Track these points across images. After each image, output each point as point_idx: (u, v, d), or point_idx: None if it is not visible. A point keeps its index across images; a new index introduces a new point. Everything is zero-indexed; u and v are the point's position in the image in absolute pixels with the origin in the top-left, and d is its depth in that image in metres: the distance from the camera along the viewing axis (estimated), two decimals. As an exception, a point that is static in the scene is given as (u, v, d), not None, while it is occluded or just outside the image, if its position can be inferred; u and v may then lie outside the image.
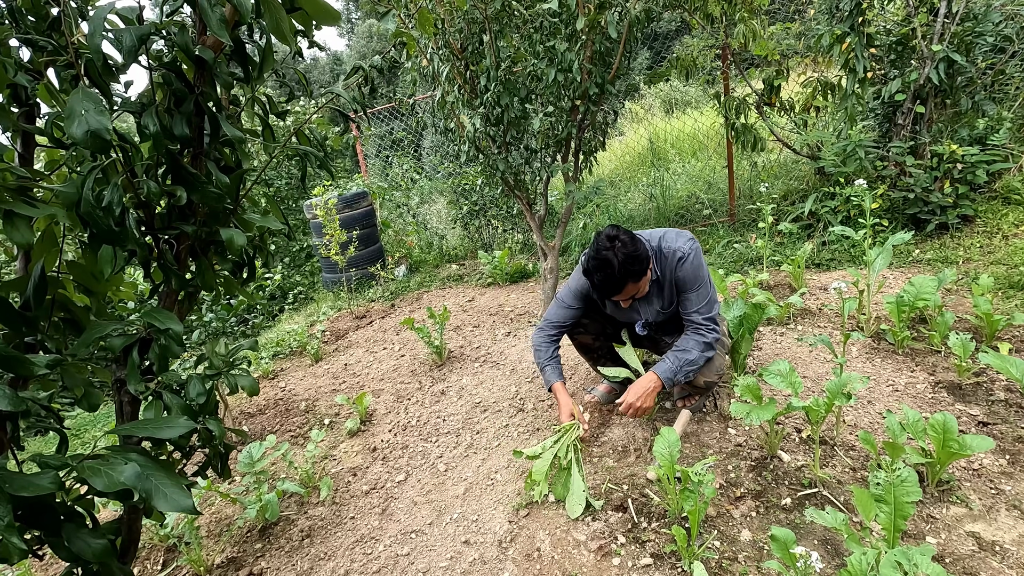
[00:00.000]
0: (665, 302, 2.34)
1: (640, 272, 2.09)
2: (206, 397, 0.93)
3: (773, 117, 4.79)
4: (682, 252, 2.21)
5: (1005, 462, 1.97)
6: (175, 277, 0.89)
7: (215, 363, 1.02)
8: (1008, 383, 2.39)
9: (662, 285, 2.30)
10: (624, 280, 2.08)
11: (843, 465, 2.06)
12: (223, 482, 2.82)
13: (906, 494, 1.48)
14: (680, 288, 2.26)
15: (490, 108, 3.36)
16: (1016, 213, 3.76)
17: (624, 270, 2.05)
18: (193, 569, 2.16)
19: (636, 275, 2.09)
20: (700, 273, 2.22)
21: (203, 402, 0.92)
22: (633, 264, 2.06)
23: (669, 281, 2.27)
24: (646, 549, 1.84)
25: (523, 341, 3.74)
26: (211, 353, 1.02)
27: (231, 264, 0.98)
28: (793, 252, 4.02)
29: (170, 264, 0.89)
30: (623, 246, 2.07)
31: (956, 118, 4.08)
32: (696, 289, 2.22)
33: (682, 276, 2.22)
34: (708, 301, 2.24)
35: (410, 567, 1.99)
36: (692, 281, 2.21)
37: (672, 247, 2.23)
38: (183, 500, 0.76)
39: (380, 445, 2.85)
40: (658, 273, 2.26)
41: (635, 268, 2.06)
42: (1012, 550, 1.64)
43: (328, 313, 5.29)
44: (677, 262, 2.21)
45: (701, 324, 2.24)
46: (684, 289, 2.24)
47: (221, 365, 1.02)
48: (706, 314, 2.24)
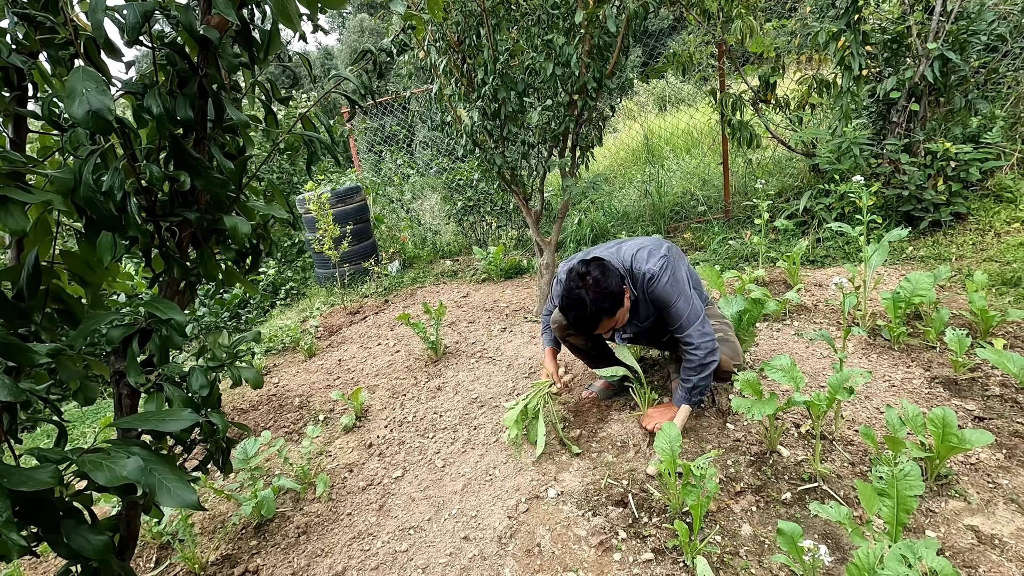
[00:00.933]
0: (641, 317, 2.37)
1: (612, 308, 2.12)
2: (209, 389, 0.90)
3: (769, 114, 4.80)
4: (651, 273, 2.21)
5: (1002, 456, 1.99)
6: (177, 265, 0.86)
7: (218, 355, 0.99)
8: (1003, 378, 2.40)
9: (637, 304, 2.32)
10: (598, 318, 2.12)
11: (842, 460, 2.07)
12: (220, 478, 2.78)
13: (908, 488, 1.49)
14: (659, 307, 2.28)
15: (488, 102, 3.33)
16: (1008, 211, 3.80)
17: (596, 308, 2.09)
18: (187, 567, 2.12)
19: (609, 311, 2.12)
20: (674, 288, 2.21)
21: (206, 395, 0.90)
22: (604, 301, 2.09)
23: (644, 301, 2.30)
24: (647, 544, 1.84)
25: (519, 337, 3.72)
26: (213, 345, 0.99)
27: (233, 253, 0.96)
28: (788, 249, 4.03)
29: (172, 252, 0.86)
30: (595, 284, 2.10)
31: (950, 116, 4.11)
32: (675, 303, 2.21)
33: (656, 297, 2.24)
34: (691, 312, 2.22)
35: (409, 563, 1.97)
36: (669, 298, 2.22)
37: (643, 269, 2.24)
38: (187, 495, 0.73)
39: (376, 441, 2.82)
40: (636, 294, 2.29)
41: (606, 305, 2.10)
42: (1011, 543, 1.65)
43: (321, 308, 5.24)
44: (648, 283, 2.23)
45: (686, 342, 2.21)
46: (663, 306, 2.26)
47: (224, 357, 0.99)
48: (695, 329, 2.21)
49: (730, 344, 2.37)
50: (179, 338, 0.84)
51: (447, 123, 3.66)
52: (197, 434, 0.99)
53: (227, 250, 0.94)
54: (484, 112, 3.39)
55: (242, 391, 3.81)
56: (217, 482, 2.30)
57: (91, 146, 0.78)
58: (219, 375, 0.97)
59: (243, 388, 3.85)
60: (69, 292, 1.10)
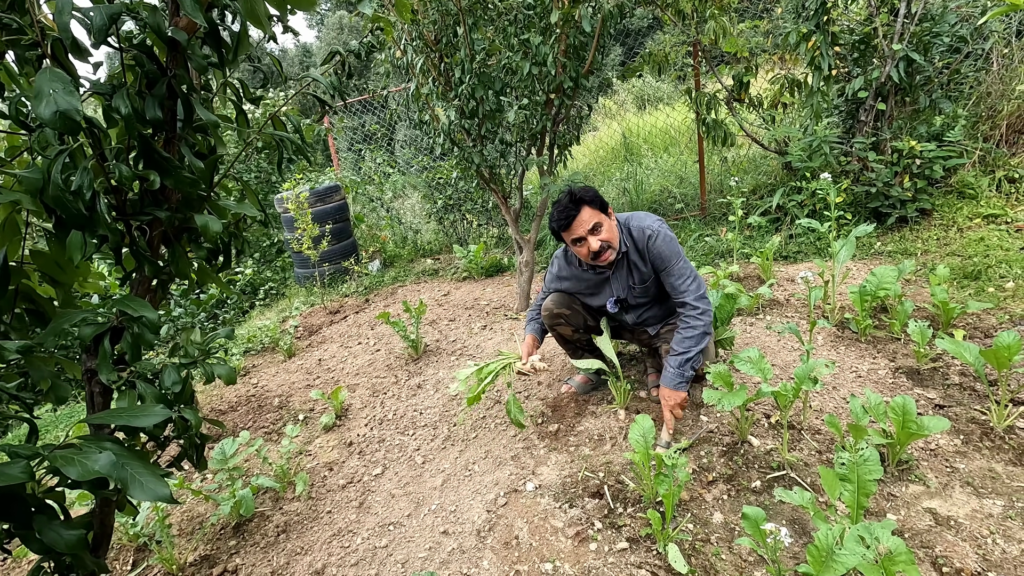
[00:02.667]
0: (636, 278, 2.40)
1: (596, 201, 2.20)
2: (181, 386, 0.91)
3: (742, 113, 4.90)
4: (652, 230, 2.28)
5: (959, 442, 2.07)
6: (148, 263, 0.87)
7: (190, 351, 0.99)
8: (962, 368, 2.50)
9: (633, 262, 2.36)
10: (579, 204, 2.18)
11: (810, 448, 2.14)
12: (196, 478, 2.76)
13: (868, 472, 1.55)
14: (658, 266, 2.32)
15: (465, 100, 3.35)
16: (970, 207, 3.93)
17: (579, 196, 2.17)
18: (165, 568, 2.12)
19: (592, 202, 2.19)
20: (674, 246, 2.29)
21: (178, 391, 0.90)
22: (592, 193, 2.19)
23: (640, 256, 2.34)
24: (622, 533, 1.88)
25: (499, 334, 3.75)
26: (186, 341, 1.00)
27: (205, 251, 0.96)
28: (762, 245, 4.12)
29: (143, 250, 0.86)
30: (581, 188, 2.23)
31: (915, 115, 4.24)
32: (675, 263, 2.28)
33: (657, 252, 2.29)
34: (691, 275, 2.30)
35: (388, 559, 1.99)
36: (669, 255, 2.28)
37: (641, 225, 2.31)
38: (160, 489, 0.74)
39: (356, 439, 2.83)
40: (627, 246, 2.32)
41: (590, 195, 2.19)
42: (966, 524, 1.73)
43: (301, 308, 5.21)
44: (648, 238, 2.29)
45: (693, 306, 2.25)
46: (664, 265, 2.30)
47: (196, 354, 1.00)
48: (696, 292, 2.27)
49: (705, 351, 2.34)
50: (151, 335, 0.85)
51: (425, 122, 3.67)
52: (171, 431, 1.00)
53: (199, 248, 0.95)
54: (461, 111, 3.41)
55: (220, 392, 3.78)
56: (195, 483, 2.29)
57: (59, 146, 0.78)
58: (191, 372, 0.98)
59: (221, 389, 3.82)
60: (40, 293, 1.10)
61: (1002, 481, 1.87)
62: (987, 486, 1.86)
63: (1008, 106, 4.23)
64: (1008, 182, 4.01)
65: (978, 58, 4.47)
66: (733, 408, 1.96)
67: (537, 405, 2.77)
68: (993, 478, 1.89)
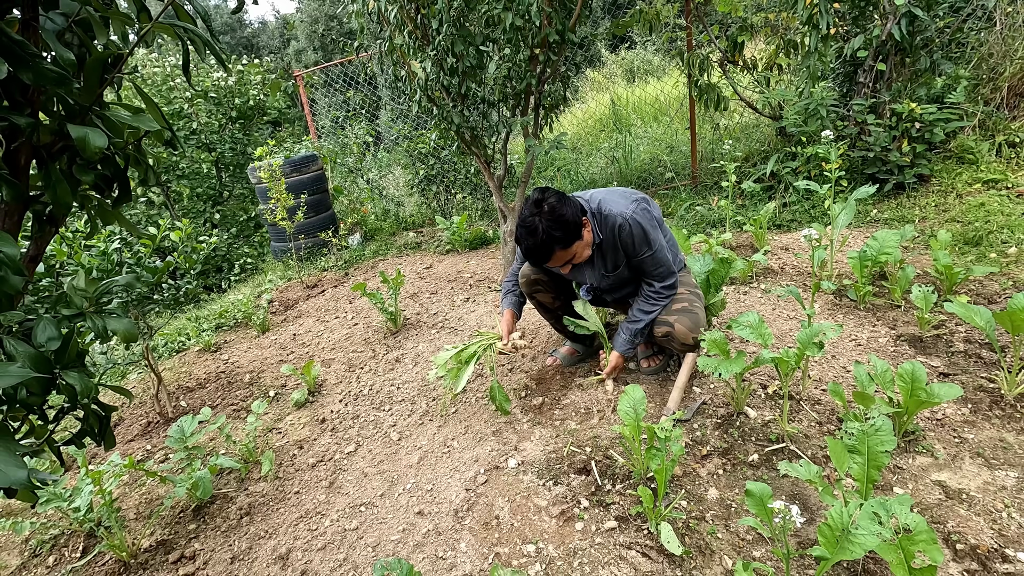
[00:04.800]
0: (609, 266, 2.23)
1: (566, 239, 2.00)
2: (60, 342, 0.72)
3: (736, 75, 4.69)
4: (623, 218, 2.08)
5: (967, 411, 1.95)
6: (8, 186, 0.68)
7: (76, 302, 0.80)
8: (967, 334, 2.38)
9: (604, 249, 2.18)
10: (550, 247, 1.99)
11: (809, 420, 2.01)
12: (157, 456, 2.59)
13: (880, 443, 1.41)
14: (628, 256, 2.16)
15: (444, 54, 3.11)
16: (970, 172, 3.80)
17: (548, 237, 1.96)
18: (116, 555, 1.95)
19: (563, 242, 1.99)
20: (646, 238, 2.10)
21: (56, 348, 0.72)
22: (557, 230, 1.96)
23: (612, 245, 2.16)
24: (610, 512, 1.74)
25: (483, 307, 3.58)
26: (70, 289, 0.80)
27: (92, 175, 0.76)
28: (755, 213, 3.96)
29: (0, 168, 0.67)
30: (549, 211, 1.97)
31: (915, 77, 4.07)
32: (644, 254, 2.13)
33: (626, 244, 2.13)
34: (661, 265, 2.16)
35: (359, 542, 1.83)
36: (639, 245, 2.11)
37: (613, 212, 2.10)
38: (14, 472, 0.57)
39: (329, 416, 2.66)
40: (600, 237, 2.13)
41: (559, 234, 1.97)
42: (978, 497, 1.61)
43: (276, 282, 4.99)
44: (618, 229, 2.10)
45: (653, 290, 2.20)
46: (635, 254, 2.14)
47: (84, 305, 0.80)
48: (661, 281, 2.18)
49: (691, 315, 2.18)
50: (16, 278, 0.66)
51: (400, 78, 3.43)
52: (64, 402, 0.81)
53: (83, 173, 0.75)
54: (440, 66, 3.18)
55: (188, 368, 3.58)
56: (149, 463, 2.11)
57: None
58: (76, 326, 0.79)
59: (190, 365, 3.62)
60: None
61: (1014, 451, 1.75)
62: (999, 457, 1.74)
63: (1010, 67, 4.07)
64: (1009, 146, 3.87)
65: (980, 18, 4.29)
66: (730, 376, 1.81)
67: (521, 378, 2.61)
68: (1005, 448, 1.77)
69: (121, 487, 2.40)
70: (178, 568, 1.89)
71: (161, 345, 4.01)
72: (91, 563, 1.98)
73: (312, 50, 24.25)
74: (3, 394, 0.70)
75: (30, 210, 0.76)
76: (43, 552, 2.09)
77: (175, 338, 4.09)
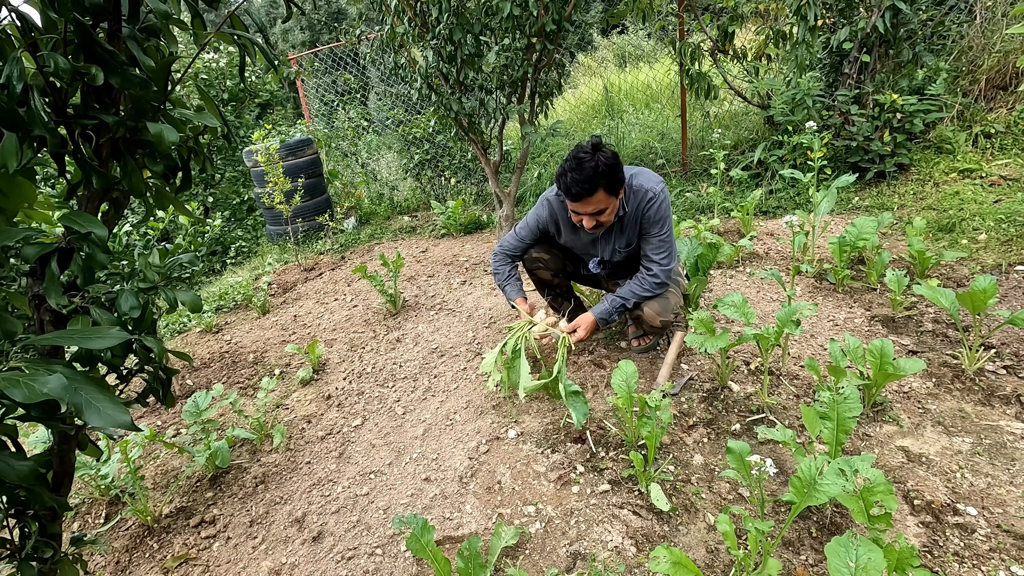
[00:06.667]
0: (625, 241, 2.33)
1: (615, 186, 2.04)
2: (141, 311, 0.83)
3: (726, 65, 4.80)
4: (653, 192, 2.19)
5: (931, 384, 2.12)
6: (96, 174, 0.77)
7: (149, 276, 0.91)
8: (935, 315, 2.55)
9: (625, 224, 2.28)
10: (596, 184, 1.99)
11: (788, 393, 2.17)
12: (169, 431, 2.70)
13: (848, 410, 1.57)
14: (644, 228, 2.26)
15: (443, 42, 3.19)
16: (947, 161, 3.96)
17: (600, 173, 1.97)
18: (140, 520, 2.07)
19: (609, 187, 2.03)
20: (666, 216, 2.22)
21: (137, 317, 0.83)
22: (613, 172, 2.01)
23: (634, 219, 2.26)
24: (604, 476, 1.89)
25: (479, 289, 3.70)
26: (144, 265, 0.92)
27: (161, 166, 0.87)
28: (743, 200, 4.11)
29: (89, 159, 0.77)
30: (606, 158, 2.00)
31: (898, 69, 4.21)
32: (659, 233, 2.22)
33: (649, 216, 2.21)
34: (669, 248, 2.25)
35: (370, 505, 1.97)
36: (657, 222, 2.21)
37: (645, 186, 2.21)
38: (119, 415, 0.68)
39: (335, 393, 2.78)
40: (625, 209, 2.24)
41: (608, 178, 2.00)
42: (936, 460, 1.78)
43: (274, 265, 5.07)
44: (647, 201, 2.19)
45: (653, 275, 2.24)
46: (647, 230, 2.24)
47: (156, 279, 0.91)
48: (664, 265, 2.24)
49: (662, 300, 2.28)
50: (103, 255, 0.76)
51: (401, 66, 3.50)
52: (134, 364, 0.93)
53: (153, 163, 0.85)
54: (439, 54, 3.25)
55: (192, 348, 3.68)
56: (167, 435, 2.22)
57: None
58: (152, 297, 0.90)
59: (193, 345, 3.72)
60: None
61: (971, 420, 1.92)
62: (957, 425, 1.91)
63: (988, 60, 4.22)
64: (984, 137, 4.04)
65: (961, 11, 4.43)
66: (715, 352, 1.96)
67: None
68: (963, 417, 1.94)
69: (136, 461, 2.51)
70: (200, 531, 2.02)
71: (163, 326, 4.08)
72: (115, 528, 2.10)
73: (299, 29, 23.90)
74: (94, 355, 0.82)
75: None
76: (66, 519, 2.21)
77: (176, 319, 4.17)
